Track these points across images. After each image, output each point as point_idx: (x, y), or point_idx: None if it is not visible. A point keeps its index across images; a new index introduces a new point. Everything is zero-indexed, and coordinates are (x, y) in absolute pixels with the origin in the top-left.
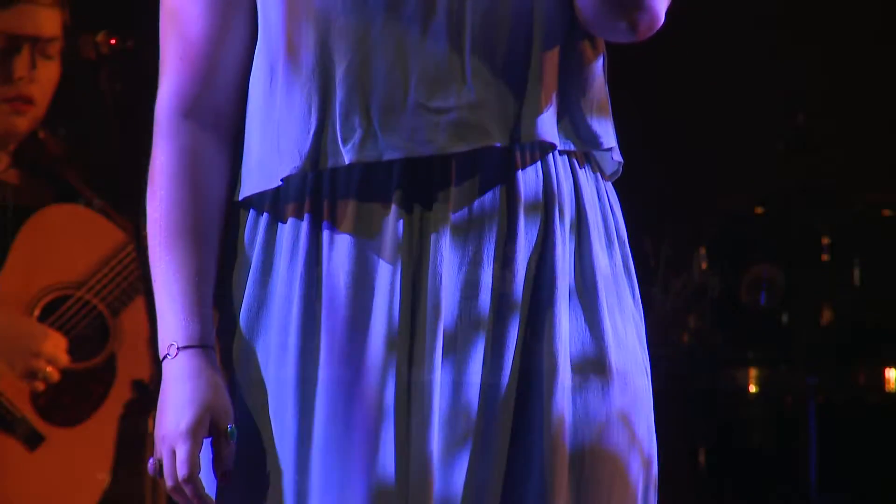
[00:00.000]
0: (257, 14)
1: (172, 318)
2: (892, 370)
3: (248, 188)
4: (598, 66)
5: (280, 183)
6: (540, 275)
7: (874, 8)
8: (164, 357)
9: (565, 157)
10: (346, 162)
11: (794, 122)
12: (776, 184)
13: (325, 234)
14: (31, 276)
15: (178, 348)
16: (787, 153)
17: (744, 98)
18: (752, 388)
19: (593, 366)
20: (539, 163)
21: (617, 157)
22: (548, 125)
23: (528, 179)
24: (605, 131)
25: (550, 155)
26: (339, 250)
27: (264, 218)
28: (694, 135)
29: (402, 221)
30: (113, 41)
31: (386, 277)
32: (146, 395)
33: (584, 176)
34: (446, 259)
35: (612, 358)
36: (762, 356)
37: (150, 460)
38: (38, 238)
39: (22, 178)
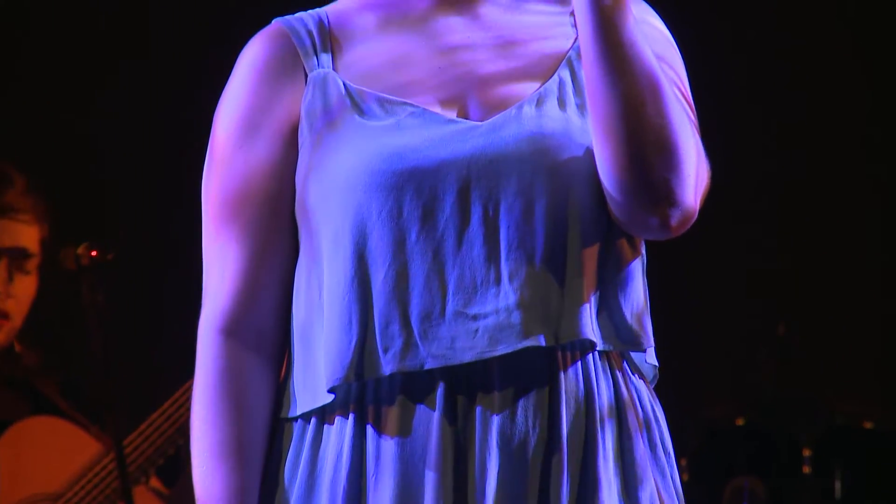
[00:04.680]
0: (297, 231)
1: None
2: None
3: (300, 406)
4: (637, 266)
5: (330, 398)
6: (584, 483)
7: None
8: None
9: (604, 356)
10: (387, 373)
11: (775, 333)
12: (757, 395)
13: (371, 443)
14: (8, 490)
15: None
16: (768, 364)
17: (725, 309)
18: None
19: None
20: (579, 363)
21: (651, 359)
22: (587, 324)
23: (570, 380)
24: (644, 332)
25: (590, 355)
26: (385, 460)
27: (310, 431)
28: (674, 346)
29: (445, 428)
30: (94, 253)
31: (431, 486)
32: None
33: (622, 377)
34: (492, 463)
35: None
36: None
37: None
38: (15, 451)
39: None
